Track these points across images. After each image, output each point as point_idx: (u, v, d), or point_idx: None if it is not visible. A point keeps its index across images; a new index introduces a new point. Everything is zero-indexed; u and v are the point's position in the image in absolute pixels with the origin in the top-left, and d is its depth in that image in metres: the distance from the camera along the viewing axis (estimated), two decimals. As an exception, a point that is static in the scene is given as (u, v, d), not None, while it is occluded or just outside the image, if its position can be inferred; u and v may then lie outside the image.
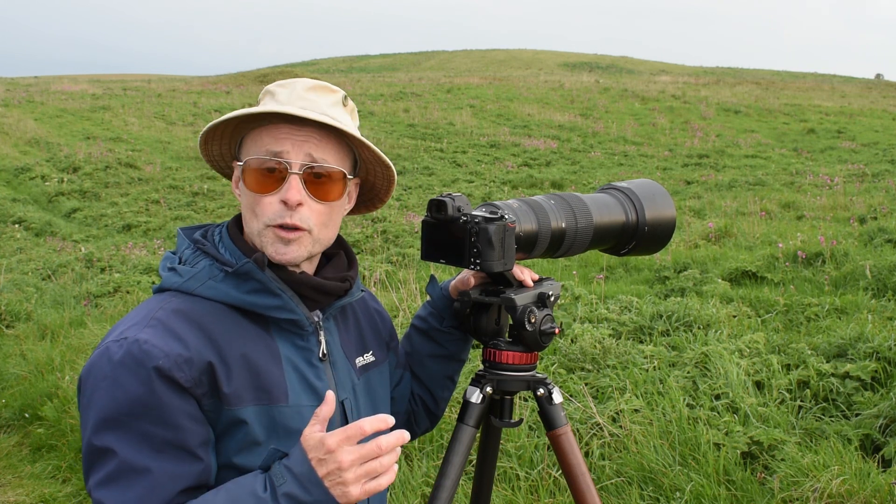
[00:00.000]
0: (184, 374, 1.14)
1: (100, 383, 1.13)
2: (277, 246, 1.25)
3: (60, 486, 3.89)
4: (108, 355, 1.14)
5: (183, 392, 1.14)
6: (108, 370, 1.13)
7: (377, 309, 1.54)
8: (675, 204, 1.63)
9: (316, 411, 1.11)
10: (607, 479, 3.05)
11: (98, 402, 1.13)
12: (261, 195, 1.25)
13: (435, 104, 24.81)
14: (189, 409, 1.15)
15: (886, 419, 3.22)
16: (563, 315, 4.88)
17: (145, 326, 1.16)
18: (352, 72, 51.03)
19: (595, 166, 16.66)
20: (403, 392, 1.58)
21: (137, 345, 1.13)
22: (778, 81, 38.95)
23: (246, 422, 1.19)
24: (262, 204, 1.25)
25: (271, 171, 1.24)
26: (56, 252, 10.29)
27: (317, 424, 1.10)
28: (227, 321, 1.22)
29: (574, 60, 58.13)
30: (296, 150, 1.25)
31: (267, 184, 1.25)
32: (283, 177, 1.24)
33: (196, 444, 1.15)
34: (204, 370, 1.16)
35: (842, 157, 17.07)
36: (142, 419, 1.12)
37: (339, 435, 1.06)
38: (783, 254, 6.33)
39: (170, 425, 1.13)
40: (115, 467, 1.10)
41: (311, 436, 1.09)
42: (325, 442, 1.07)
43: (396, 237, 9.94)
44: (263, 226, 1.25)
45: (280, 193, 1.24)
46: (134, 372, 1.12)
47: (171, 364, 1.13)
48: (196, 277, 1.23)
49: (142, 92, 27.83)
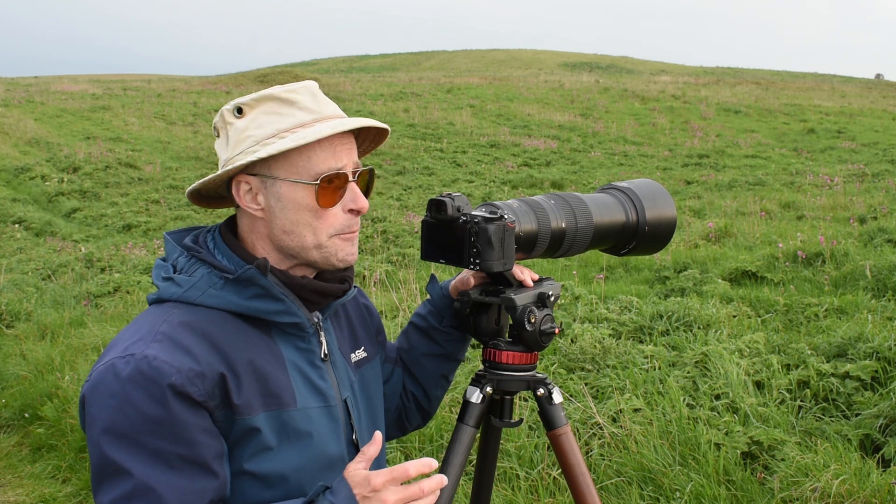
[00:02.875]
0: (197, 389, 1.12)
1: (108, 401, 1.10)
2: (347, 249, 1.28)
3: (60, 486, 3.89)
4: (115, 372, 1.11)
5: (196, 407, 1.13)
6: (117, 387, 1.10)
7: (366, 304, 1.54)
8: (675, 204, 1.62)
9: (363, 449, 1.14)
10: (607, 479, 3.05)
11: (108, 420, 1.10)
12: (325, 209, 1.25)
13: (435, 104, 24.81)
14: (203, 423, 1.13)
15: (886, 419, 3.22)
16: (563, 315, 4.88)
17: (151, 341, 1.13)
18: (352, 72, 51.02)
19: (595, 166, 16.66)
20: (394, 388, 1.58)
21: (146, 361, 1.11)
22: (778, 81, 38.96)
23: (259, 429, 1.19)
24: (325, 217, 1.25)
25: (330, 182, 1.24)
26: (56, 252, 10.29)
27: (362, 462, 1.13)
28: (230, 329, 1.21)
29: (574, 60, 58.13)
30: (348, 158, 1.27)
31: (332, 198, 1.25)
32: (341, 187, 1.26)
33: (212, 458, 1.14)
34: (216, 383, 1.15)
35: (842, 157, 17.07)
36: (156, 437, 1.09)
37: (385, 476, 1.10)
38: (783, 254, 6.33)
39: (185, 441, 1.11)
40: (130, 488, 1.08)
41: (357, 472, 1.12)
42: (371, 481, 1.09)
43: (396, 237, 9.94)
44: (326, 237, 1.26)
45: (343, 203, 1.26)
46: (145, 389, 1.10)
47: (183, 380, 1.11)
48: (196, 287, 1.21)
49: (142, 92, 27.83)
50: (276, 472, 1.21)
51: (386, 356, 1.57)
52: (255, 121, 1.23)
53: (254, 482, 1.20)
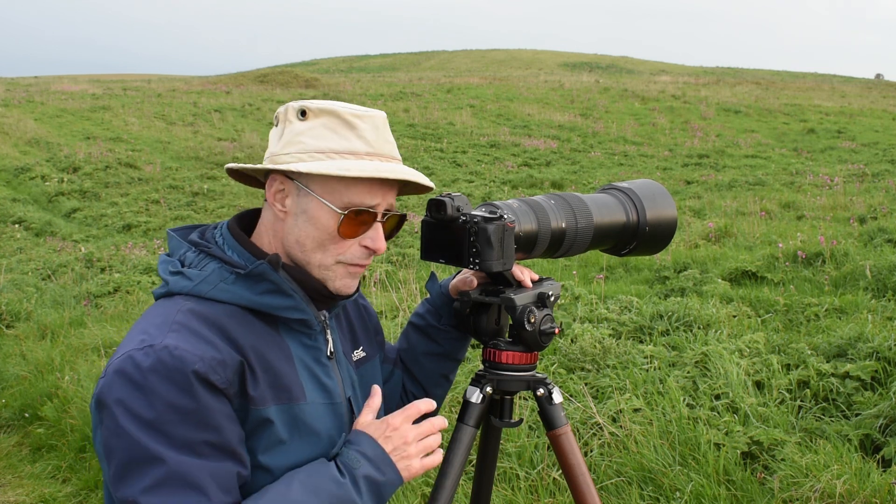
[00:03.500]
0: (219, 377, 1.13)
1: (133, 392, 1.10)
2: (346, 281, 1.30)
3: (60, 486, 3.89)
4: (136, 363, 1.11)
5: (219, 393, 1.14)
6: (140, 378, 1.10)
7: (364, 304, 1.55)
8: (675, 204, 1.62)
9: (367, 402, 1.29)
10: (607, 479, 3.05)
11: (134, 411, 1.09)
12: (344, 239, 1.27)
13: (435, 104, 24.81)
14: (226, 409, 1.15)
15: (886, 419, 3.22)
16: (563, 315, 4.88)
17: (168, 332, 1.14)
18: (352, 72, 51.03)
19: (595, 166, 16.66)
20: (394, 388, 1.59)
21: (167, 351, 1.11)
22: (778, 81, 38.96)
23: (272, 421, 1.20)
24: (340, 244, 1.27)
25: (357, 216, 1.25)
26: (56, 252, 10.29)
27: (370, 413, 1.27)
28: (241, 322, 1.22)
29: (574, 60, 58.13)
30: (384, 199, 1.28)
31: (355, 231, 1.26)
32: (368, 223, 1.27)
33: (237, 442, 1.15)
34: (236, 370, 1.16)
35: (842, 157, 17.07)
36: (184, 425, 1.10)
37: (401, 416, 1.25)
38: (783, 254, 6.33)
39: (212, 428, 1.12)
40: (163, 474, 1.08)
41: (371, 421, 1.26)
42: (390, 421, 1.24)
43: (396, 237, 9.94)
44: (334, 262, 1.27)
45: (363, 239, 1.28)
46: (169, 378, 1.10)
47: (206, 367, 1.12)
48: (207, 280, 1.22)
49: (142, 92, 27.82)
50: (288, 466, 1.22)
51: (385, 357, 1.58)
52: (313, 130, 1.25)
53: (266, 476, 1.21)
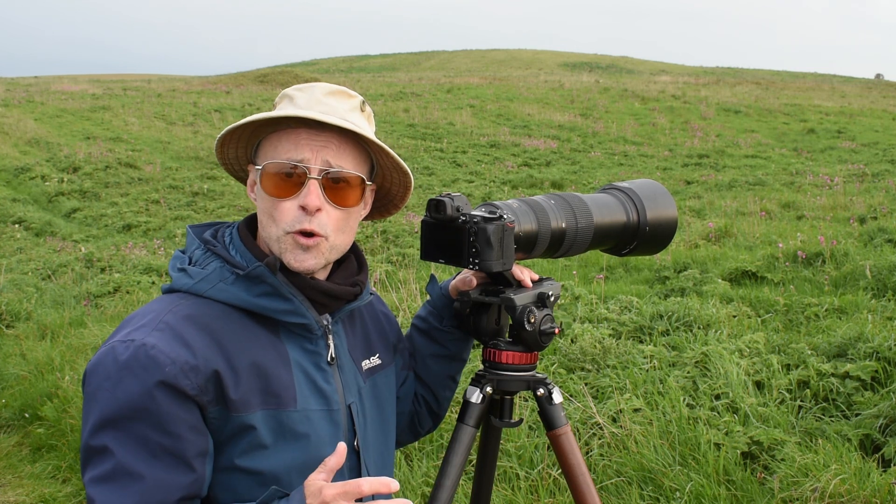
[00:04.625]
0: (189, 382, 1.14)
1: (103, 383, 1.14)
2: (296, 253, 1.24)
3: (60, 486, 3.89)
4: (114, 355, 1.14)
5: (187, 401, 1.14)
6: (113, 370, 1.13)
7: (384, 312, 1.54)
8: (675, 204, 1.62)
9: (325, 461, 1.12)
10: (607, 479, 3.05)
11: (100, 401, 1.13)
12: (279, 200, 1.24)
13: (435, 104, 24.80)
14: (190, 419, 1.15)
15: (886, 419, 3.22)
16: (563, 315, 4.88)
17: (153, 329, 1.16)
18: (352, 72, 51.03)
19: (595, 166, 16.66)
20: (408, 391, 1.58)
21: (144, 349, 1.13)
22: (778, 81, 38.96)
23: (254, 427, 1.20)
24: (280, 209, 1.24)
25: (289, 176, 1.24)
26: (56, 252, 10.29)
27: (322, 473, 1.11)
28: (236, 325, 1.22)
29: (574, 60, 58.14)
30: (315, 155, 1.24)
31: (285, 188, 1.24)
32: (302, 182, 1.24)
33: (193, 454, 1.15)
34: (210, 377, 1.16)
35: (842, 157, 17.07)
36: (141, 423, 1.12)
37: (337, 488, 1.07)
38: (783, 254, 6.33)
39: (168, 433, 1.13)
40: (111, 467, 1.11)
41: (314, 483, 1.10)
42: (323, 492, 1.08)
43: (396, 237, 9.94)
44: (283, 232, 1.24)
45: (298, 199, 1.24)
46: (137, 376, 1.12)
47: (177, 371, 1.13)
48: (207, 279, 1.23)
49: (142, 92, 27.82)
50: (269, 471, 1.22)
51: (404, 362, 1.57)
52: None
53: (245, 478, 1.21)
